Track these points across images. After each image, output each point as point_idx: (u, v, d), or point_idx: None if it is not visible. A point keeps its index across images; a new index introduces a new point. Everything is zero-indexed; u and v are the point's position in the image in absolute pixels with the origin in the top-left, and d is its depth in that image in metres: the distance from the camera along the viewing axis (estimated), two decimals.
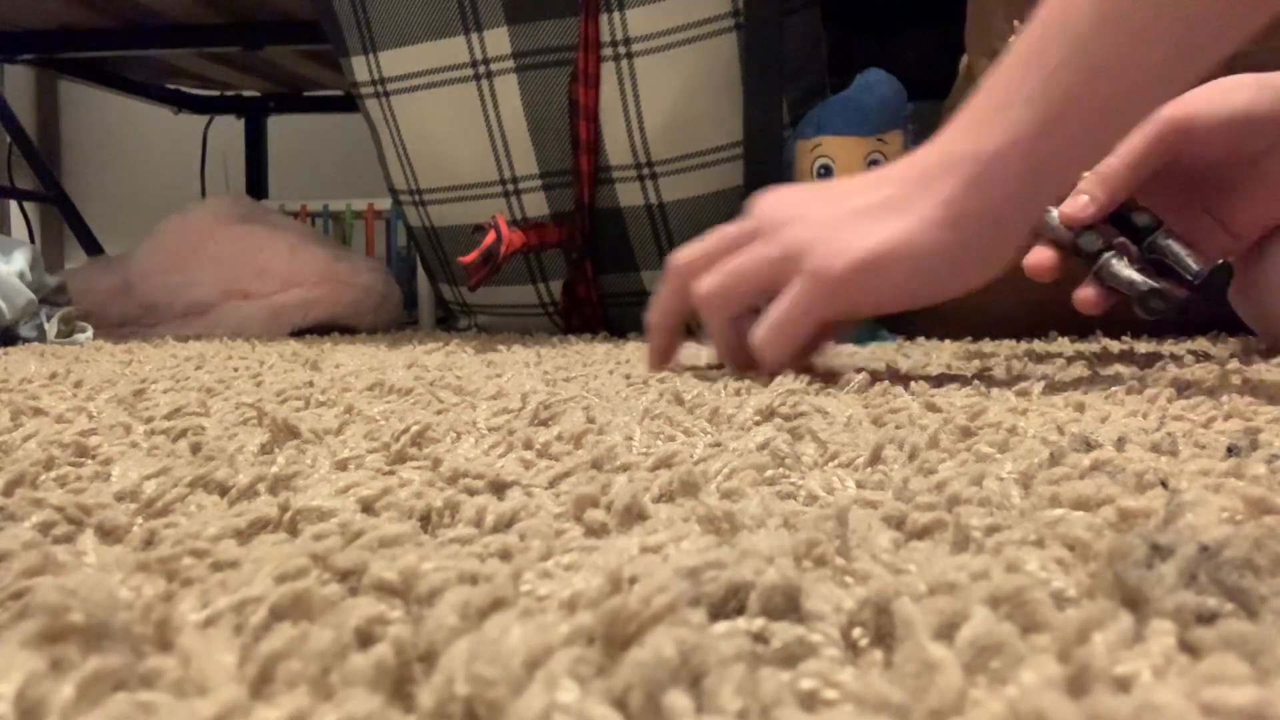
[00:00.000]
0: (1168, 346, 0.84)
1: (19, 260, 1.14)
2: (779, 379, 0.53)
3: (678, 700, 0.14)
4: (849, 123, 1.03)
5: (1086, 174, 0.62)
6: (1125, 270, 0.63)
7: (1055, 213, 0.65)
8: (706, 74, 1.09)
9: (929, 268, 0.52)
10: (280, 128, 2.08)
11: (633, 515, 0.26)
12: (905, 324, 1.07)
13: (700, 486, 0.29)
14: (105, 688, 0.15)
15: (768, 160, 1.05)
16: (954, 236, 0.51)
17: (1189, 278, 0.63)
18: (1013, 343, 0.92)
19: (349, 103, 1.38)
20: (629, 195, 1.14)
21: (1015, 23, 0.78)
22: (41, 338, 1.13)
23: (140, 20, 1.54)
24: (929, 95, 1.19)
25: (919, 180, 0.52)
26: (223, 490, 0.30)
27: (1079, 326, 0.98)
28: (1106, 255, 0.64)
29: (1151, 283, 0.62)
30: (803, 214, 0.55)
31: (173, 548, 0.22)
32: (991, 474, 0.30)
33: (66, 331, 1.17)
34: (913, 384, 0.54)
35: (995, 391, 0.51)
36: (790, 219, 0.55)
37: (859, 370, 0.55)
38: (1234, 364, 0.59)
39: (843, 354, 0.78)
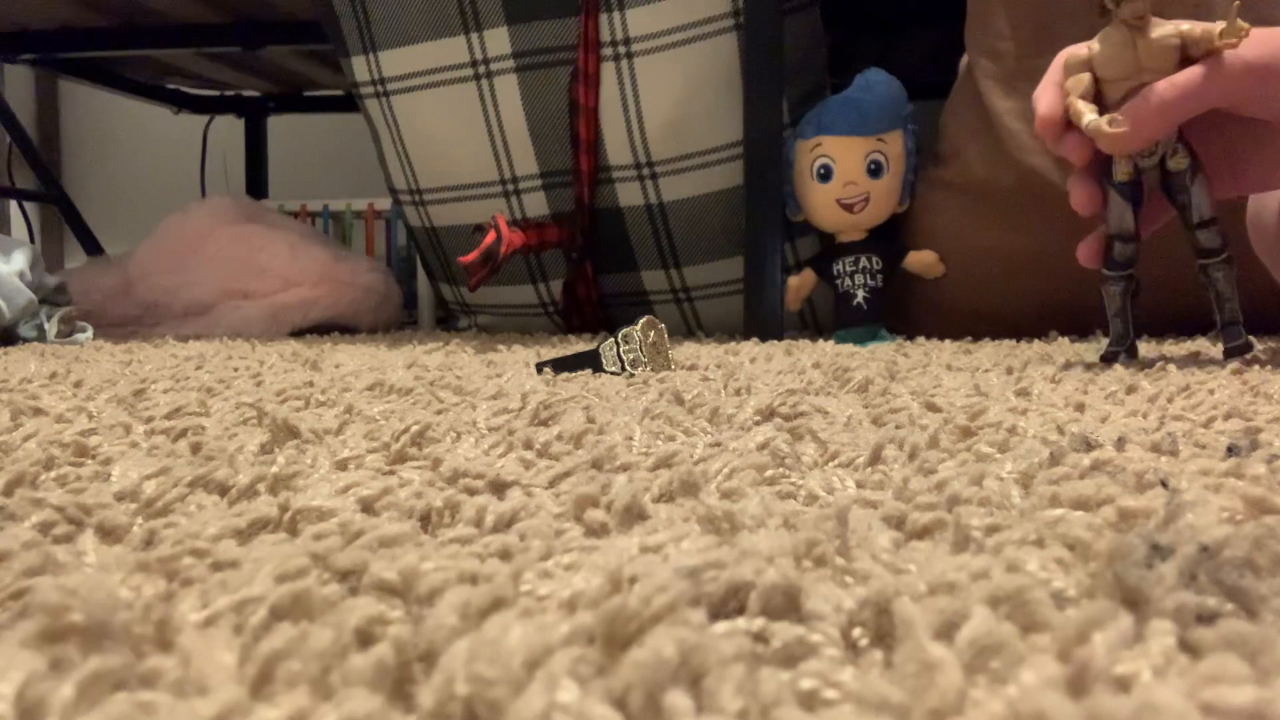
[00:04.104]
0: (1168, 347, 0.84)
1: (19, 260, 1.14)
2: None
3: (678, 700, 0.14)
4: (849, 123, 1.03)
5: (1147, 94, 0.60)
6: (1223, 286, 0.63)
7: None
8: (706, 74, 1.09)
9: None
10: (280, 128, 2.08)
11: (633, 515, 0.26)
12: (905, 324, 1.07)
13: (700, 486, 0.29)
14: (105, 688, 0.15)
15: (768, 160, 1.05)
16: None
17: (1217, 320, 0.64)
18: (1013, 343, 0.92)
19: (349, 103, 1.38)
20: (629, 195, 1.14)
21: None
22: (41, 338, 1.13)
23: (140, 20, 1.54)
24: (929, 95, 1.19)
25: None
26: (223, 490, 0.30)
27: (1079, 326, 0.98)
28: (1220, 259, 0.63)
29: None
30: None
31: (173, 548, 0.22)
32: (991, 474, 0.30)
33: (66, 331, 1.17)
34: (913, 384, 0.54)
35: (995, 391, 0.51)
36: None
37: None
38: (1234, 364, 0.59)
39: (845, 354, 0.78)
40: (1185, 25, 0.60)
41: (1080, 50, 0.62)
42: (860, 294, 1.04)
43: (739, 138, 1.08)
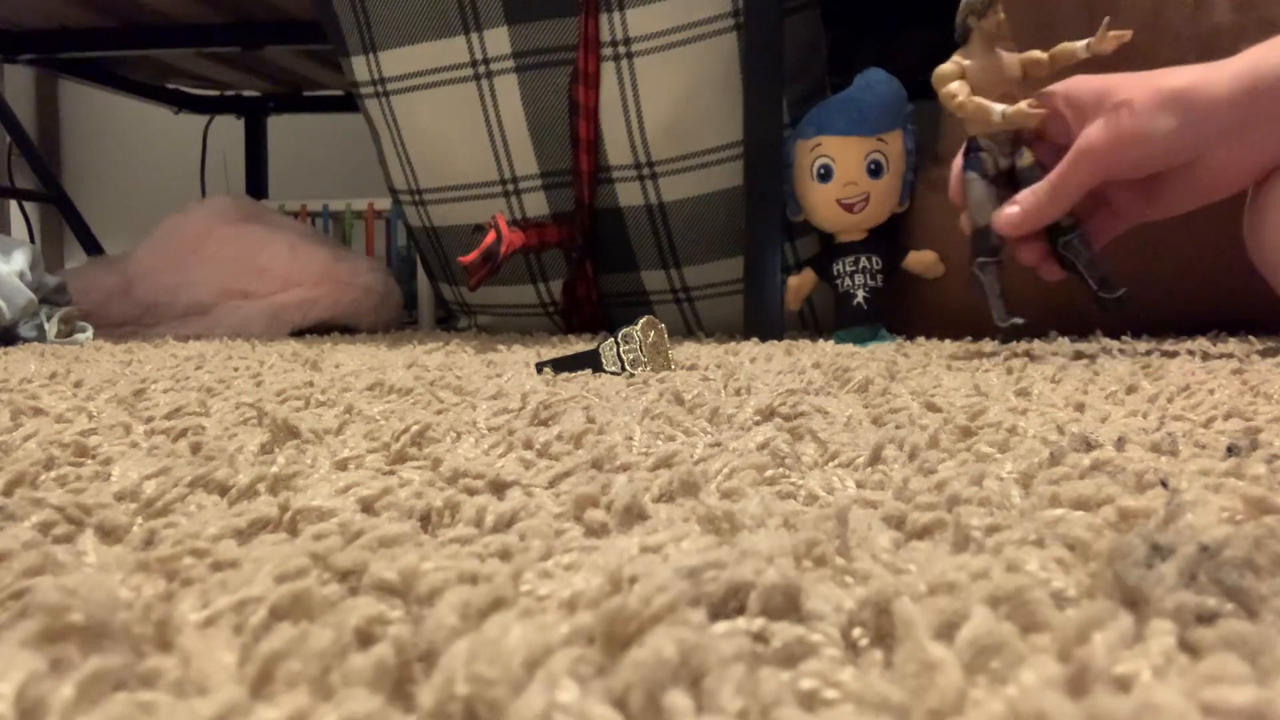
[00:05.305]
0: (1167, 346, 0.84)
1: (19, 260, 1.14)
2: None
3: (678, 700, 0.14)
4: (849, 123, 1.03)
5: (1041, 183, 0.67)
6: (1087, 252, 0.70)
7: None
8: (706, 74, 1.09)
9: None
10: (280, 128, 2.08)
11: (633, 515, 0.26)
12: (905, 324, 1.07)
13: (700, 486, 0.29)
14: (105, 688, 0.15)
15: (767, 160, 1.05)
16: None
17: (1091, 285, 0.70)
18: (1013, 343, 0.92)
19: (349, 103, 1.38)
20: (629, 195, 1.14)
21: None
22: (41, 338, 1.13)
23: (140, 20, 1.54)
24: (929, 95, 1.18)
25: None
26: (223, 490, 0.30)
27: (1079, 326, 0.98)
28: (1075, 233, 0.70)
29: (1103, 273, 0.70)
30: None
31: (173, 548, 0.22)
32: (991, 474, 0.30)
33: (66, 331, 1.17)
34: (913, 384, 0.54)
35: (995, 391, 0.51)
36: None
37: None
38: (1234, 364, 0.59)
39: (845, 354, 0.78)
40: (1025, 54, 0.69)
41: (948, 66, 0.71)
42: (860, 294, 1.04)
43: (739, 138, 1.08)
